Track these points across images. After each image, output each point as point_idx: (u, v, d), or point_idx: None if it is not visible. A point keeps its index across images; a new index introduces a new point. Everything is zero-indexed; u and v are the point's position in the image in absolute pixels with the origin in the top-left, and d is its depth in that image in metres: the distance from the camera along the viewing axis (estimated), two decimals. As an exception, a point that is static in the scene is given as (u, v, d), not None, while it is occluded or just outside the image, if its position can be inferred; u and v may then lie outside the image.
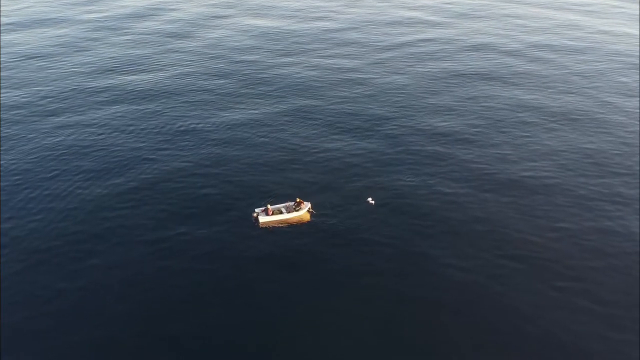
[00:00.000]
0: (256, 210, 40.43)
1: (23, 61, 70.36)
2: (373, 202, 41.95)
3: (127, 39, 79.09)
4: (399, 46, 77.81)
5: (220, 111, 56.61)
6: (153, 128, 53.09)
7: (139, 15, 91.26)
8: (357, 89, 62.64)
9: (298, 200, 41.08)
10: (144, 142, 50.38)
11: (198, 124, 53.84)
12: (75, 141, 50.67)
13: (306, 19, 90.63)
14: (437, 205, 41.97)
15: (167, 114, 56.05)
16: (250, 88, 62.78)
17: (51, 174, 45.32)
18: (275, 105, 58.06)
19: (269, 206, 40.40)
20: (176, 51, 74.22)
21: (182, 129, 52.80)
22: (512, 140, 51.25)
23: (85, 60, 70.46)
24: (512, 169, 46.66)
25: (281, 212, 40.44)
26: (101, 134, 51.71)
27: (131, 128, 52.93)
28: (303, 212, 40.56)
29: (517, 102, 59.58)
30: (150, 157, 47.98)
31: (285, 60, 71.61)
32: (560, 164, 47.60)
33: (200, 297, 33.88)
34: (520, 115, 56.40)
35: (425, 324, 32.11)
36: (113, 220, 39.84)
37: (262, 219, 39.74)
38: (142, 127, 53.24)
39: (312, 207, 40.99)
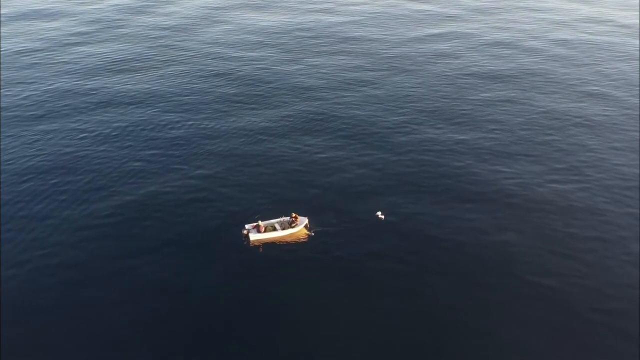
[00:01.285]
0: (246, 226, 35.73)
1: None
2: (382, 216, 37.13)
3: (122, 35, 74.70)
4: (411, 42, 72.73)
5: (214, 114, 51.83)
6: (135, 131, 48.60)
7: (134, 10, 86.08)
8: (364, 90, 57.34)
9: (293, 215, 36.38)
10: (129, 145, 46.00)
11: (191, 125, 49.16)
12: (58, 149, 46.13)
13: (311, 11, 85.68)
14: (456, 223, 37.02)
15: (147, 116, 51.32)
16: (249, 89, 57.56)
17: (27, 184, 40.72)
18: (274, 110, 52.95)
19: (260, 222, 35.67)
20: (173, 47, 69.09)
21: (172, 132, 48.17)
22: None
23: (72, 59, 65.81)
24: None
25: (274, 229, 35.72)
26: (84, 138, 47.11)
27: (103, 134, 48.07)
28: (299, 229, 35.85)
29: (548, 110, 53.81)
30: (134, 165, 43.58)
31: (289, 56, 66.55)
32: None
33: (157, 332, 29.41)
34: (547, 126, 50.74)
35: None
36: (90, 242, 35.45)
37: (253, 236, 35.07)
38: (118, 132, 48.71)
39: (310, 222, 36.31)
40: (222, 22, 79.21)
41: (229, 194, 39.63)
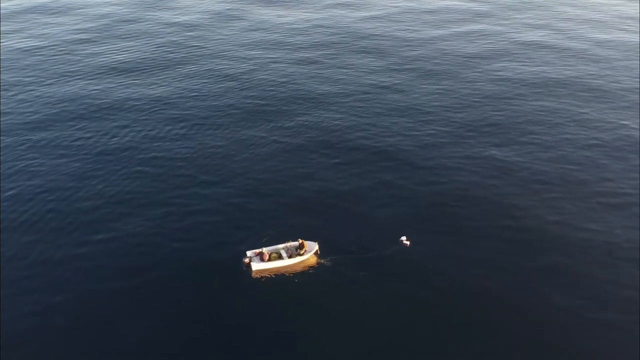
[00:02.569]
0: (247, 254, 31.19)
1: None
2: (408, 242, 32.39)
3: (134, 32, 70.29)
4: (436, 41, 67.34)
5: (222, 123, 46.98)
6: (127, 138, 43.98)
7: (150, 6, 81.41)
8: (387, 97, 51.73)
9: (300, 241, 31.77)
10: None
11: (198, 130, 44.63)
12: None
13: (331, 6, 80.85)
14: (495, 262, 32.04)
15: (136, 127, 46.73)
16: (265, 95, 52.54)
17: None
18: (288, 119, 47.83)
19: (264, 250, 31.19)
20: (186, 47, 64.40)
21: (177, 142, 43.69)
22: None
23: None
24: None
25: (280, 257, 31.18)
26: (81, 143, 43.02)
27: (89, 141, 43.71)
28: (308, 256, 31.37)
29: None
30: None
31: (303, 55, 61.77)
32: None
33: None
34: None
35: None
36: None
37: (256, 266, 30.58)
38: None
39: (321, 248, 31.73)
40: (237, 19, 75.27)
41: (232, 211, 35.15)
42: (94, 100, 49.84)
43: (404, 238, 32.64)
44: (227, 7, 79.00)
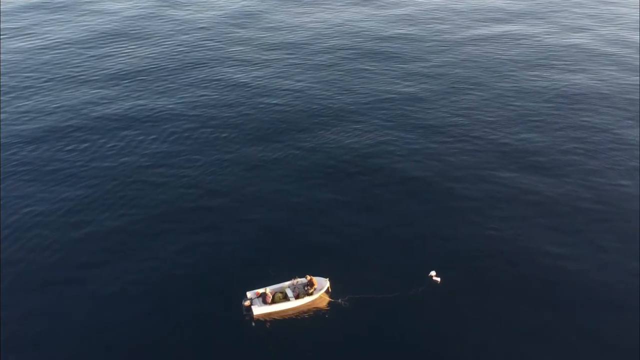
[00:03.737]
0: (248, 295, 26.83)
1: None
2: (438, 278, 27.68)
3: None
4: (468, 45, 62.25)
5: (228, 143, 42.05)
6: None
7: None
8: (407, 111, 45.79)
9: (309, 278, 27.35)
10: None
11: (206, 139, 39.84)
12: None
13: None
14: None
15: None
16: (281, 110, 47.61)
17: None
18: (295, 134, 43.22)
19: (267, 290, 26.76)
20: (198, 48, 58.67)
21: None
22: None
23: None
24: None
25: (285, 297, 26.80)
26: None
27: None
28: (318, 296, 26.94)
29: None
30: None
31: (322, 60, 56.27)
32: None
33: None
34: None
35: None
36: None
37: (258, 309, 26.24)
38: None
39: (333, 286, 27.37)
40: (254, 19, 71.39)
41: (235, 240, 30.82)
42: (92, 111, 45.39)
43: (433, 273, 27.87)
44: (244, 7, 75.16)
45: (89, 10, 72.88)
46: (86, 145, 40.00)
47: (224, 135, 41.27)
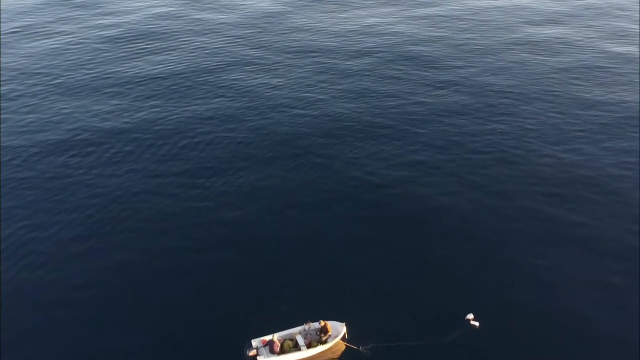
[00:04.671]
0: (253, 343, 23.21)
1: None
2: (477, 323, 23.80)
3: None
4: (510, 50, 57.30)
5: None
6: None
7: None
8: (439, 130, 41.59)
9: (322, 323, 23.60)
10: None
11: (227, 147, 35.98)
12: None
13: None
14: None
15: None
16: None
17: None
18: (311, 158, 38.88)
19: (275, 337, 23.19)
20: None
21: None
22: None
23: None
24: None
25: (296, 345, 23.21)
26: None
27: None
28: (334, 343, 23.28)
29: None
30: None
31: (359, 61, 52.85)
32: None
33: None
34: None
35: None
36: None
37: (264, 359, 22.96)
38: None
39: (350, 332, 23.54)
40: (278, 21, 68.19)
41: (240, 271, 27.12)
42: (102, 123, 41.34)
43: (471, 316, 23.98)
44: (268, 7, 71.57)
45: (104, 10, 70.53)
46: (90, 155, 37.28)
47: (240, 148, 38.06)
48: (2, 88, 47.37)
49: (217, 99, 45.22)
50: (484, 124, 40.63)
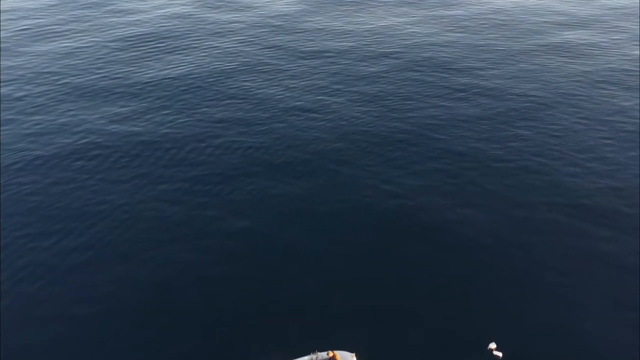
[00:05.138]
0: None
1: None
2: (500, 353, 21.99)
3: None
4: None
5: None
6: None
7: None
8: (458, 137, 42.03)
9: (331, 354, 21.74)
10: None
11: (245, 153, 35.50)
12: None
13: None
14: None
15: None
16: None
17: None
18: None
19: None
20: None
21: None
22: None
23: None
24: None
25: None
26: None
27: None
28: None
29: None
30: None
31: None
32: None
33: None
34: None
35: None
36: None
37: None
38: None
39: None
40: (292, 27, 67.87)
41: (243, 292, 25.47)
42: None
43: (493, 346, 22.21)
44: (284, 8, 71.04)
45: (115, 9, 69.70)
46: (95, 158, 36.03)
47: (250, 153, 36.67)
48: (6, 89, 46.48)
49: (228, 102, 43.93)
50: (505, 129, 39.08)
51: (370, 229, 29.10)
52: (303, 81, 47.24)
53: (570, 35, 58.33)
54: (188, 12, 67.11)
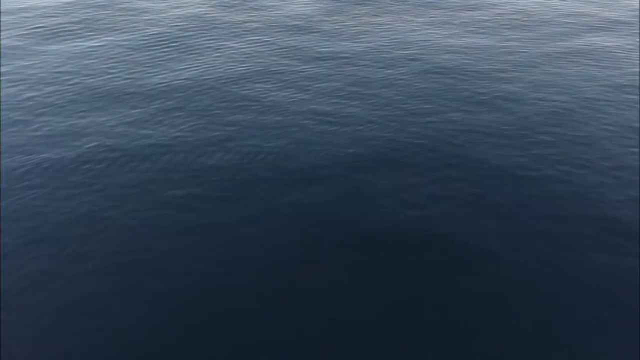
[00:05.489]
0: None
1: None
2: None
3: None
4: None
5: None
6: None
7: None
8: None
9: None
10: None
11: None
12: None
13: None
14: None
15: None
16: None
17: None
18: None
19: None
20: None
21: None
22: None
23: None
24: None
25: None
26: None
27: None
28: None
29: None
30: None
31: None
32: None
33: None
34: None
35: None
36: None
37: None
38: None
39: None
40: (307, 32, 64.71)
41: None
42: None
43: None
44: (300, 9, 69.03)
45: (125, 8, 69.19)
46: (103, 162, 35.20)
47: (262, 157, 35.51)
48: (14, 89, 45.93)
49: (240, 104, 42.87)
50: (528, 136, 37.61)
51: (386, 239, 27.75)
52: (318, 83, 46.07)
53: (595, 38, 56.59)
54: (202, 12, 66.44)
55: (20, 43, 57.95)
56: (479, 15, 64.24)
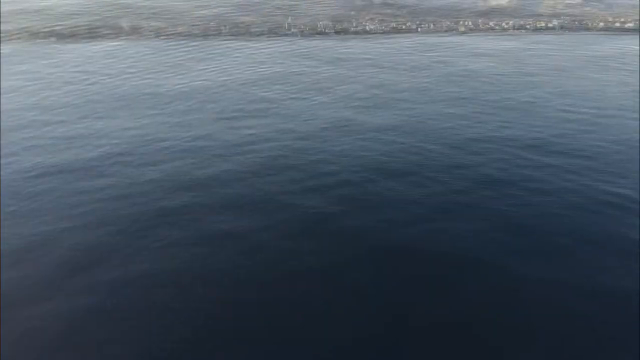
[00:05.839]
0: None
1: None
2: None
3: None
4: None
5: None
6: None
7: None
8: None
9: None
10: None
11: None
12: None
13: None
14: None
15: None
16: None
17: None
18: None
19: None
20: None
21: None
22: None
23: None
24: None
25: None
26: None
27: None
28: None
29: None
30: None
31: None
32: None
33: None
34: None
35: None
36: None
37: None
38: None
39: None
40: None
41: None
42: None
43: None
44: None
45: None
46: (114, 166, 34.42)
47: (279, 170, 34.35)
48: (28, 90, 45.80)
49: (258, 107, 42.01)
50: (559, 144, 36.07)
51: (399, 252, 26.43)
52: (339, 88, 44.92)
53: (622, 43, 54.86)
54: (222, 12, 66.08)
55: (37, 46, 57.49)
56: (503, 21, 62.14)
